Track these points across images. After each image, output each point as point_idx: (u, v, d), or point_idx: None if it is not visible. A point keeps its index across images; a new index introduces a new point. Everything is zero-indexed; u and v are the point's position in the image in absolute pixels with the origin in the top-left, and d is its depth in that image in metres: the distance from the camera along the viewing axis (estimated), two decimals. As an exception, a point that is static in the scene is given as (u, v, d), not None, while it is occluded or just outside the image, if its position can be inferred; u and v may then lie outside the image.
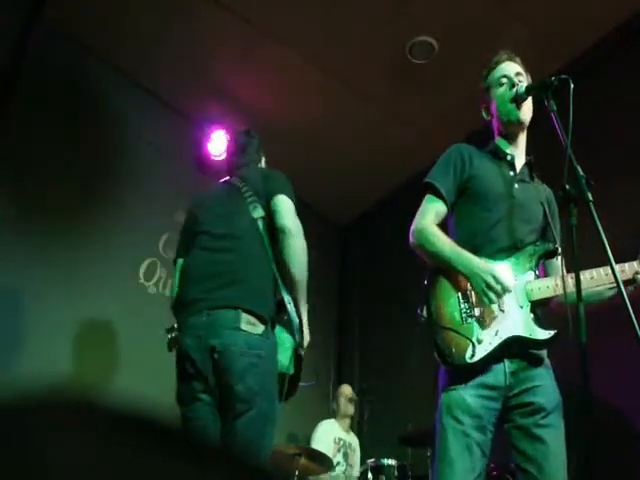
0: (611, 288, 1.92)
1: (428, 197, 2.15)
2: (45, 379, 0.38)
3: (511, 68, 2.26)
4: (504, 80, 2.22)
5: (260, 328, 2.22)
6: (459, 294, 1.97)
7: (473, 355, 1.86)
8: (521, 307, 1.95)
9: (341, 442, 4.71)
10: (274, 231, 2.42)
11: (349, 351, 6.05)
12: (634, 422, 3.33)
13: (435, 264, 2.04)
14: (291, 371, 2.38)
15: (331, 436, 4.67)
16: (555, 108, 1.88)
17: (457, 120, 4.56)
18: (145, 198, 4.68)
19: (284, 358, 2.34)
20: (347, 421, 4.88)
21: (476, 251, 1.99)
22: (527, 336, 1.91)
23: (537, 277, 2.01)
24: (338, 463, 4.49)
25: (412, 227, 2.10)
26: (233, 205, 2.51)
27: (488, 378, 1.87)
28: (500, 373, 1.88)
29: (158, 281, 4.65)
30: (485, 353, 1.87)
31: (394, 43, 4.49)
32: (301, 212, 2.59)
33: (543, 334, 1.91)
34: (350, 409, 4.88)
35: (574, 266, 1.71)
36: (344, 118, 5.19)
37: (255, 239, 2.40)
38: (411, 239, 2.09)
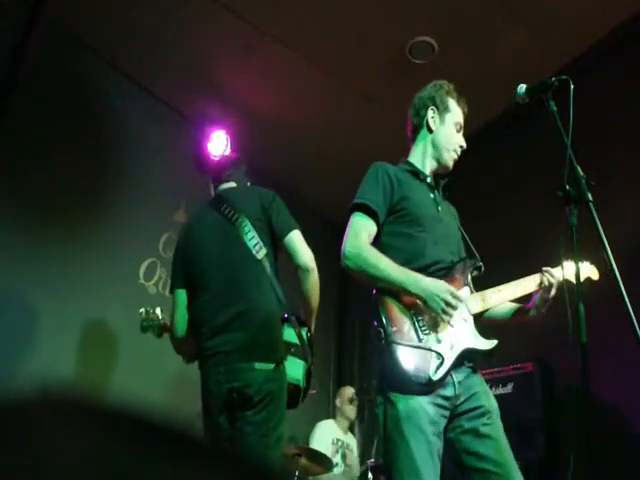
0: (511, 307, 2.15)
1: (358, 215, 2.09)
2: (44, 379, 0.38)
3: (463, 121, 2.33)
4: (459, 128, 2.31)
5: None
6: (411, 312, 1.95)
7: (437, 371, 1.87)
8: (465, 320, 2.01)
9: (339, 443, 4.71)
10: (293, 265, 2.54)
11: (349, 351, 6.05)
12: (634, 422, 3.33)
13: (375, 286, 2.00)
14: (303, 385, 2.59)
15: (329, 437, 4.67)
16: (555, 109, 1.88)
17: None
18: (145, 198, 4.68)
19: (298, 373, 2.54)
20: (346, 423, 4.87)
21: (412, 269, 1.99)
22: (477, 347, 1.97)
23: (472, 292, 2.09)
24: (336, 464, 4.49)
25: (344, 248, 2.02)
26: (232, 247, 2.54)
27: (442, 389, 1.90)
28: (450, 384, 1.92)
29: (158, 281, 4.65)
30: (447, 368, 1.89)
31: (394, 43, 4.49)
32: (301, 212, 2.61)
33: (489, 344, 1.99)
34: (351, 411, 4.87)
35: (575, 267, 1.71)
36: (344, 118, 5.19)
37: (262, 282, 2.49)
38: (345, 262, 2.01)
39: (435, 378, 1.86)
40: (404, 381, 1.85)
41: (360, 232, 2.05)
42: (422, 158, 2.29)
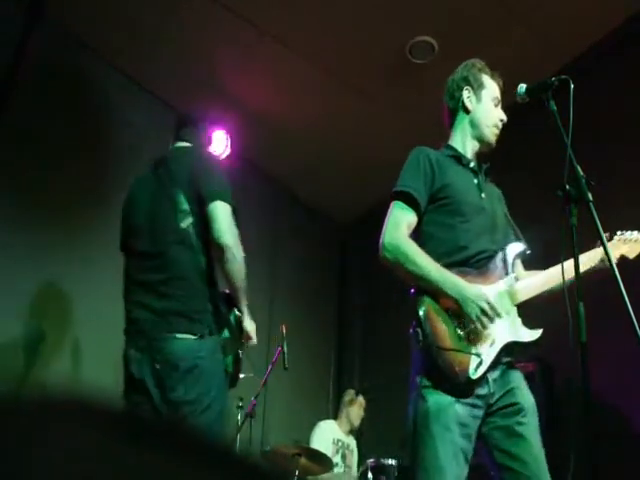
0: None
1: (398, 205, 2.04)
2: (43, 379, 0.38)
3: (500, 95, 2.27)
4: (497, 102, 2.25)
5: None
6: (449, 312, 1.92)
7: (476, 370, 1.85)
8: (507, 313, 1.96)
9: (340, 443, 4.71)
10: (207, 237, 2.31)
11: (349, 351, 6.05)
12: (634, 422, 3.33)
13: (411, 282, 1.97)
14: (230, 369, 2.42)
15: (330, 437, 4.67)
16: (555, 108, 1.88)
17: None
18: (145, 198, 4.67)
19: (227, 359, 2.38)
20: (349, 426, 4.85)
21: (453, 262, 1.97)
22: (519, 340, 1.94)
23: (516, 279, 2.03)
24: (336, 464, 4.48)
25: (383, 239, 1.99)
26: (157, 213, 2.38)
27: (478, 389, 1.88)
28: (484, 382, 1.89)
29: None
30: (486, 366, 1.87)
31: (394, 43, 4.49)
32: (301, 212, 2.58)
33: (532, 335, 1.95)
34: (357, 418, 4.84)
35: (574, 267, 1.71)
36: (344, 118, 5.19)
37: (183, 253, 2.30)
38: (384, 253, 1.98)
39: (474, 377, 1.83)
40: (441, 383, 1.83)
41: (400, 224, 2.00)
42: (463, 141, 2.23)
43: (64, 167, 4.25)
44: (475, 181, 2.16)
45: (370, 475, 3.96)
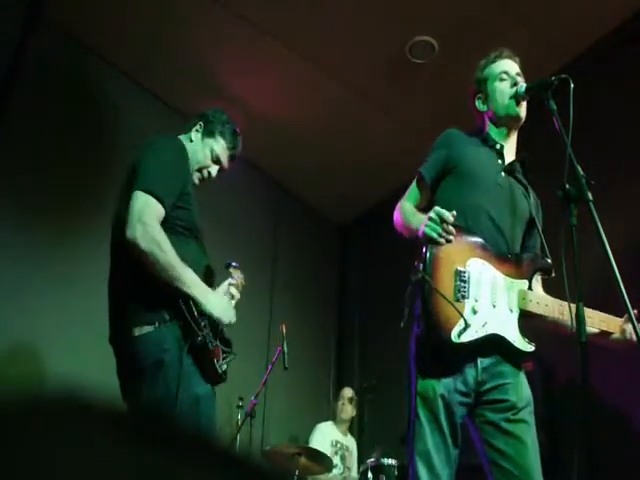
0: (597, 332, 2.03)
1: (414, 183, 2.25)
2: (42, 379, 0.38)
3: (511, 66, 2.27)
4: (505, 76, 2.22)
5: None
6: (457, 269, 1.91)
7: (459, 336, 1.83)
8: (510, 310, 1.94)
9: (338, 445, 4.70)
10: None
11: (349, 351, 6.04)
12: (634, 422, 3.33)
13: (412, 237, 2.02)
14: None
15: (329, 438, 4.67)
16: (555, 108, 1.88)
17: (457, 120, 4.55)
18: (145, 198, 4.67)
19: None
20: (346, 424, 4.87)
21: (468, 227, 1.99)
22: (511, 341, 1.91)
23: (530, 289, 2.00)
24: (335, 466, 4.48)
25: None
26: (121, 201, 2.18)
27: (463, 373, 1.88)
28: (473, 369, 1.89)
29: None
30: (471, 339, 1.84)
31: (394, 43, 4.49)
32: (301, 212, 2.56)
33: (525, 346, 1.92)
34: (349, 412, 4.86)
35: (574, 267, 1.71)
36: (344, 118, 5.19)
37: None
38: (394, 216, 2.18)
39: (456, 341, 1.82)
40: (428, 333, 1.86)
41: (407, 195, 2.24)
42: (494, 130, 2.25)
43: (64, 167, 4.25)
44: (499, 161, 2.18)
45: (370, 475, 3.95)
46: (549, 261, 2.04)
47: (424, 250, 1.90)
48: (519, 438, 1.85)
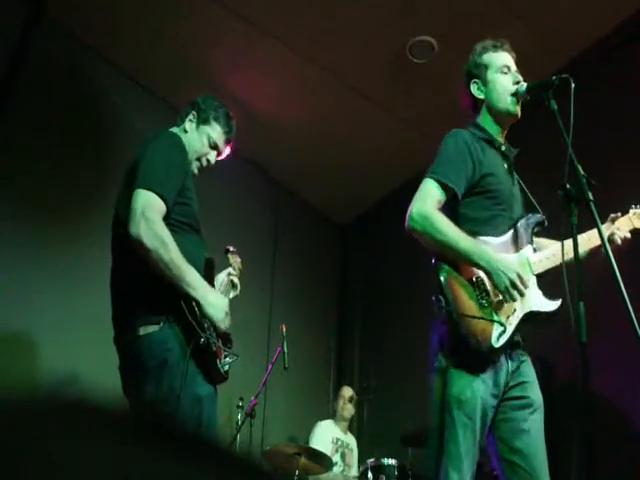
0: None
1: (430, 182, 2.01)
2: (41, 379, 0.37)
3: (511, 61, 2.25)
4: (506, 70, 2.20)
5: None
6: (473, 280, 1.93)
7: (499, 339, 1.86)
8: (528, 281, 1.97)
9: (339, 442, 4.71)
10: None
11: (349, 351, 6.04)
12: (634, 422, 3.32)
13: (437, 252, 1.97)
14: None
15: (329, 436, 4.68)
16: (556, 107, 1.87)
17: (457, 120, 4.55)
18: (145, 198, 4.67)
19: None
20: (345, 423, 4.87)
21: (475, 232, 1.99)
22: (540, 310, 1.94)
23: (535, 250, 2.04)
24: (336, 463, 4.49)
25: (411, 210, 1.96)
26: (121, 198, 2.18)
27: (497, 376, 1.90)
28: (504, 372, 1.91)
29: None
30: (509, 335, 1.88)
31: (394, 42, 4.49)
32: (301, 212, 2.55)
33: (552, 305, 1.96)
34: (349, 411, 4.87)
35: (575, 267, 1.71)
36: (344, 117, 5.19)
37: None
38: (410, 223, 1.95)
39: (497, 345, 1.85)
40: (463, 355, 1.84)
41: (430, 197, 1.98)
42: (490, 122, 2.22)
43: (64, 167, 4.25)
44: (505, 166, 2.19)
45: (370, 475, 3.96)
46: (538, 215, 2.11)
47: (438, 281, 1.92)
48: (532, 436, 1.88)
